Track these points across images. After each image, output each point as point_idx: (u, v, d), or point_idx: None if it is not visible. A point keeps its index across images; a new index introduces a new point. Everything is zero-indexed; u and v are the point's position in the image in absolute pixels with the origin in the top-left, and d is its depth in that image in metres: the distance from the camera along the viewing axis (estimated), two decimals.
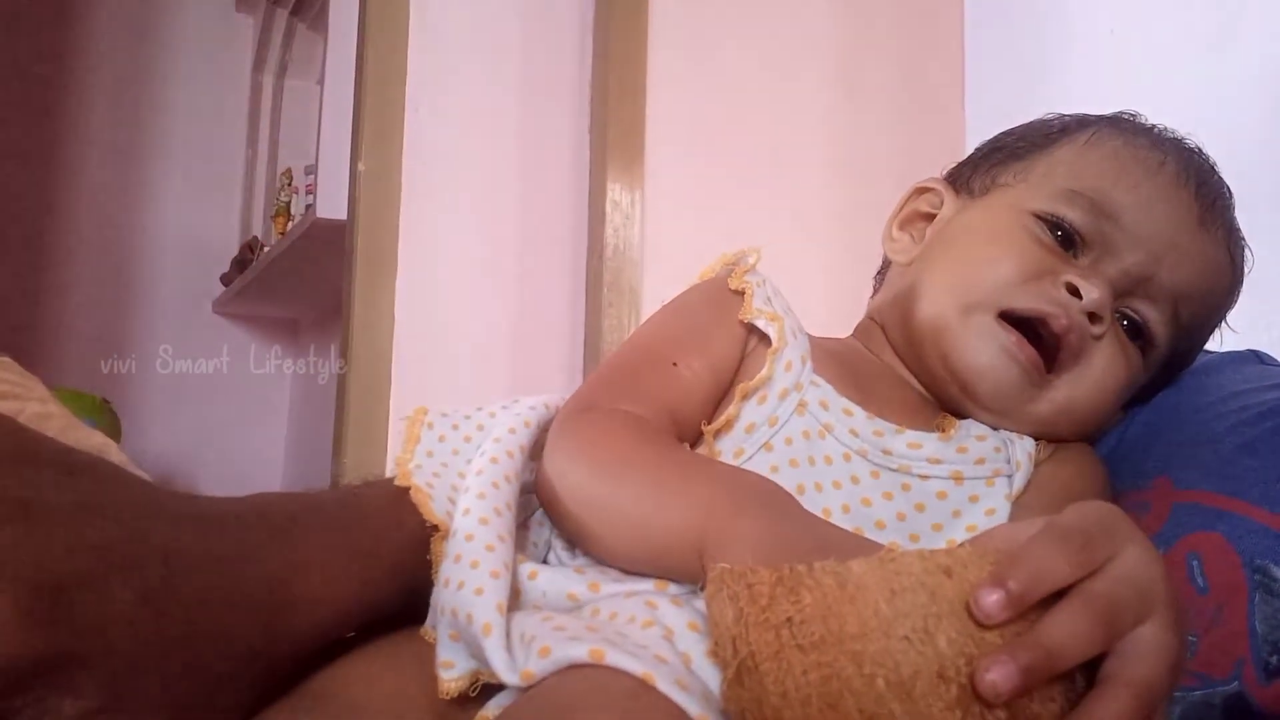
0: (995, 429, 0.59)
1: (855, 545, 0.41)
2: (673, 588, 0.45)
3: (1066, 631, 0.33)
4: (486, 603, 0.42)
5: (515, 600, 0.46)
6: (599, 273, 1.67)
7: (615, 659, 0.36)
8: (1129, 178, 0.59)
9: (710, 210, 1.69)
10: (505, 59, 1.71)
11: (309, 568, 0.43)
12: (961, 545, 0.36)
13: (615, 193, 1.67)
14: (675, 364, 0.56)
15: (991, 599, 0.32)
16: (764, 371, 0.56)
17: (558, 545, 0.53)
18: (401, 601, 0.48)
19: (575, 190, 1.72)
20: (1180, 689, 0.46)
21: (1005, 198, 0.62)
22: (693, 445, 0.56)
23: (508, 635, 0.41)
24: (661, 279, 1.64)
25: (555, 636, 0.39)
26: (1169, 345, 0.60)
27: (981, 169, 0.65)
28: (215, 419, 3.03)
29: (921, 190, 0.67)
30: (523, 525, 0.54)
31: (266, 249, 2.68)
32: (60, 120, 2.98)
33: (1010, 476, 0.56)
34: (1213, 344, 0.67)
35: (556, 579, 0.46)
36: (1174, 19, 1.26)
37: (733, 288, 0.60)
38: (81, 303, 2.95)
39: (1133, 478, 0.58)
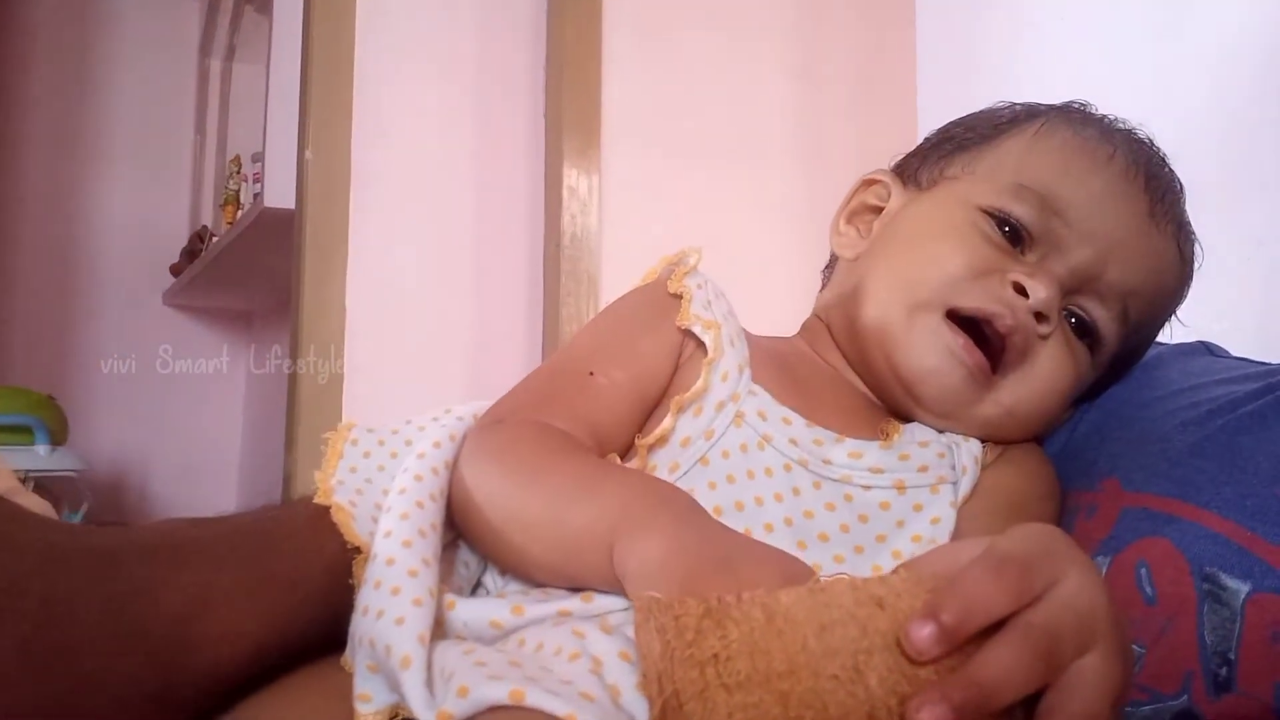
0: (941, 432, 0.58)
1: (766, 552, 0.39)
2: (599, 600, 0.43)
3: (1003, 667, 0.31)
4: (407, 633, 0.40)
5: (440, 629, 0.44)
6: (556, 261, 1.64)
7: (536, 699, 0.34)
8: (1077, 172, 0.57)
9: (669, 196, 1.67)
10: (457, 41, 1.67)
11: (213, 602, 0.40)
12: (896, 571, 0.34)
13: (572, 179, 1.64)
14: (592, 374, 0.54)
15: (924, 633, 0.31)
16: (699, 383, 0.54)
17: (492, 569, 0.51)
18: (324, 630, 0.46)
19: (531, 176, 1.69)
20: (1128, 704, 0.45)
21: (953, 191, 0.60)
22: (623, 458, 0.54)
23: (429, 668, 0.39)
24: (620, 266, 1.62)
25: (475, 674, 0.37)
26: (1118, 343, 0.59)
27: (930, 161, 0.63)
28: (170, 413, 2.97)
29: (869, 182, 0.66)
30: (452, 544, 0.51)
31: (216, 239, 2.62)
32: None
33: (955, 483, 0.55)
34: (1163, 335, 0.66)
35: (476, 608, 0.44)
36: (1125, 3, 1.25)
37: (671, 291, 0.58)
38: (26, 296, 2.87)
39: (1082, 478, 0.57)
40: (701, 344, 0.56)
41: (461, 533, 0.51)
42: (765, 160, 1.72)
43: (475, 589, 0.52)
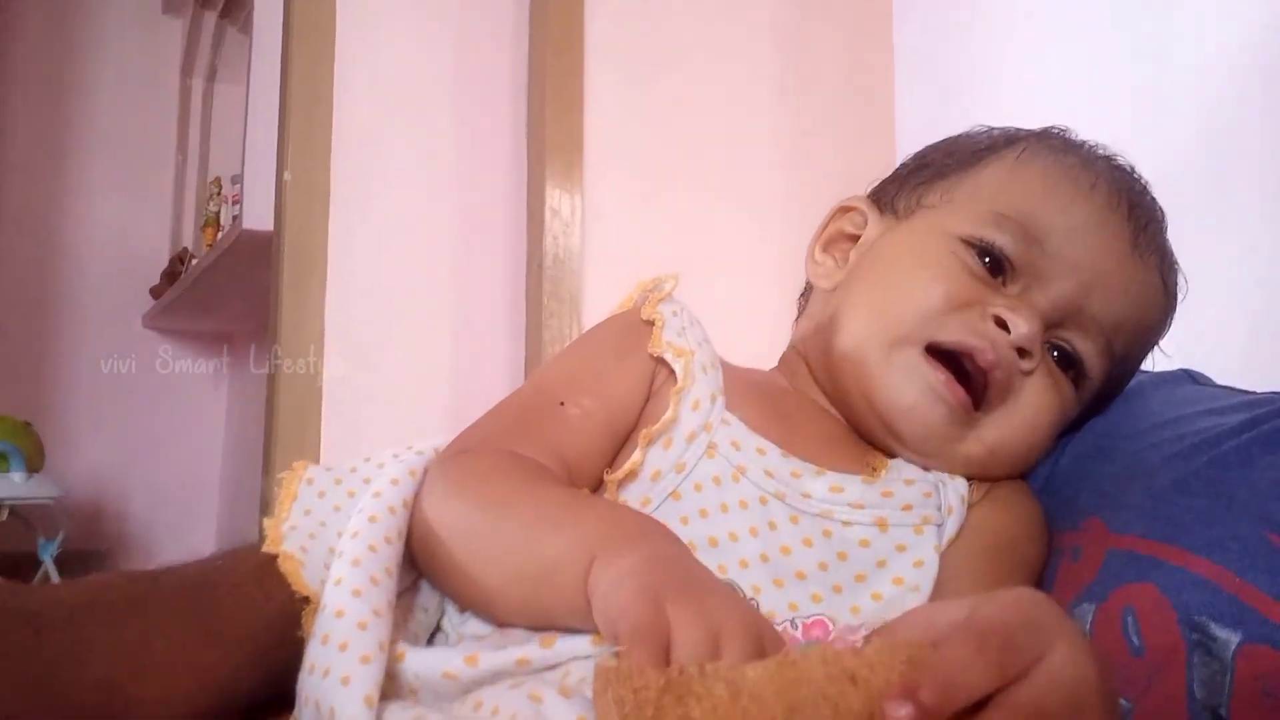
0: (926, 469, 0.56)
1: (737, 597, 0.37)
2: (559, 644, 0.41)
3: None
4: (352, 696, 0.38)
5: (391, 682, 0.41)
6: (539, 282, 1.63)
7: None
8: (1059, 200, 0.56)
9: (652, 215, 1.66)
10: (438, 60, 1.66)
11: (148, 666, 0.38)
12: (871, 641, 0.32)
13: (554, 199, 1.63)
14: (562, 403, 0.53)
15: (900, 714, 0.28)
16: (668, 414, 0.53)
17: (450, 608, 0.49)
18: (270, 685, 0.43)
19: (513, 197, 1.67)
20: None
21: (931, 220, 0.59)
22: (594, 493, 0.52)
23: None
24: (603, 287, 1.61)
25: None
26: (1102, 375, 0.58)
27: (907, 188, 0.62)
28: (150, 436, 2.94)
29: (845, 209, 0.64)
30: (411, 588, 0.49)
31: (196, 261, 2.59)
32: None
33: (940, 525, 0.53)
34: (1145, 363, 0.64)
35: (428, 658, 0.42)
36: (1104, 22, 1.24)
37: (644, 318, 0.57)
38: (2, 319, 2.83)
39: (1065, 517, 0.55)
40: (674, 373, 0.54)
41: (421, 568, 0.49)
42: (749, 179, 1.71)
43: (433, 635, 0.50)
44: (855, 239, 0.63)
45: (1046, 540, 0.55)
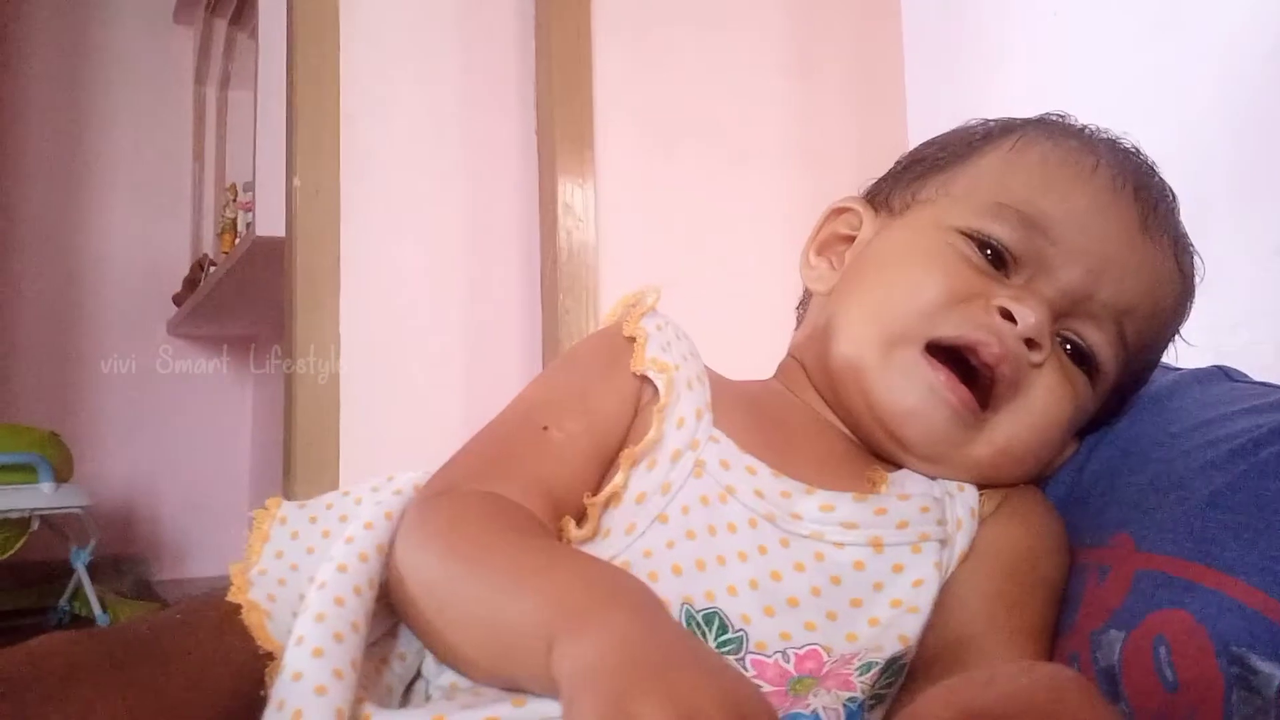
0: (933, 479, 0.52)
1: (713, 667, 0.33)
2: (532, 704, 0.38)
3: None
4: None
5: None
6: (554, 278, 1.60)
7: None
8: (1060, 185, 0.53)
9: (667, 206, 1.63)
10: (443, 59, 1.64)
11: None
12: None
13: (567, 194, 1.60)
14: (546, 428, 0.50)
15: None
16: (651, 433, 0.49)
17: (429, 656, 0.46)
18: None
19: (525, 193, 1.65)
20: None
21: (927, 214, 0.55)
22: (579, 520, 0.49)
23: None
24: (619, 280, 1.58)
25: None
26: (1118, 368, 0.54)
27: (901, 184, 0.58)
28: (178, 439, 2.96)
29: (839, 211, 0.61)
30: (389, 633, 0.46)
31: (215, 268, 2.60)
32: None
33: (942, 541, 0.49)
34: (1169, 357, 0.60)
35: None
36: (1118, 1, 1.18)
37: (626, 334, 0.54)
38: (29, 331, 2.86)
39: (1091, 531, 0.51)
40: (658, 390, 0.51)
41: (401, 615, 0.46)
42: (763, 165, 1.67)
43: (413, 682, 0.47)
44: (851, 240, 0.59)
45: (1067, 555, 0.52)
